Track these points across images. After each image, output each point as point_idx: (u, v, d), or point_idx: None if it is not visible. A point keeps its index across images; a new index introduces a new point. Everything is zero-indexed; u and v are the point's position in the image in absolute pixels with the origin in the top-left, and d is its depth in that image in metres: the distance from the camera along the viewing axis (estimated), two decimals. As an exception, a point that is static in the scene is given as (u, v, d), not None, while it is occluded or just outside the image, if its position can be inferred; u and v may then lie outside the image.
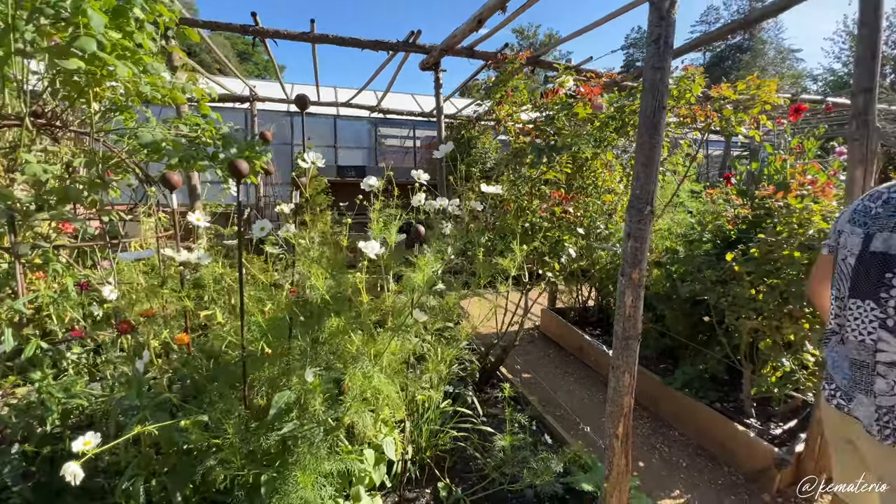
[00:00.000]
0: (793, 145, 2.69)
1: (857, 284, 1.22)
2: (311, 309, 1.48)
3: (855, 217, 1.29)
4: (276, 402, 1.38)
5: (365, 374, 1.10)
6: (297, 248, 1.45)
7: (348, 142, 7.51)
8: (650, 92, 1.57)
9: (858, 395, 1.21)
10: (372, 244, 1.16)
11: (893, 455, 1.11)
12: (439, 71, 3.89)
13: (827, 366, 1.35)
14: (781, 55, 26.18)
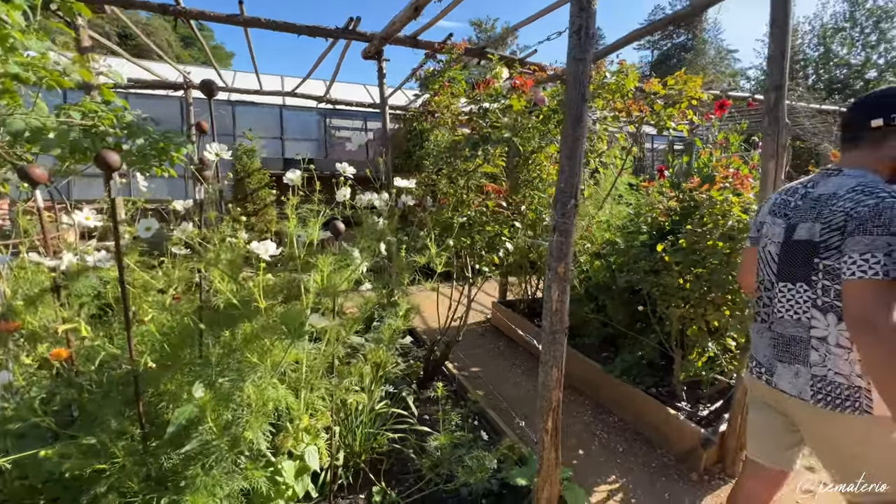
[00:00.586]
0: (719, 139, 2.82)
1: (785, 269, 1.32)
2: (218, 316, 1.36)
3: (775, 209, 1.39)
4: (175, 418, 1.26)
5: (257, 385, 1.02)
6: (202, 250, 1.33)
7: (296, 133, 7.20)
8: (573, 84, 1.55)
9: (778, 365, 1.33)
10: (266, 245, 1.07)
11: (827, 417, 1.22)
12: (382, 60, 3.77)
13: (754, 348, 1.47)
14: (720, 55, 27.80)
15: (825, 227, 1.18)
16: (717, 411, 2.59)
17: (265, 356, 1.14)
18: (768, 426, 1.46)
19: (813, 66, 16.14)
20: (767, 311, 1.39)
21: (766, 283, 1.39)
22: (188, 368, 1.33)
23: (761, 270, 1.42)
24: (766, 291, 1.40)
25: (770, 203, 1.44)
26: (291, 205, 1.52)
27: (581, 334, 3.56)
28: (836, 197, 1.19)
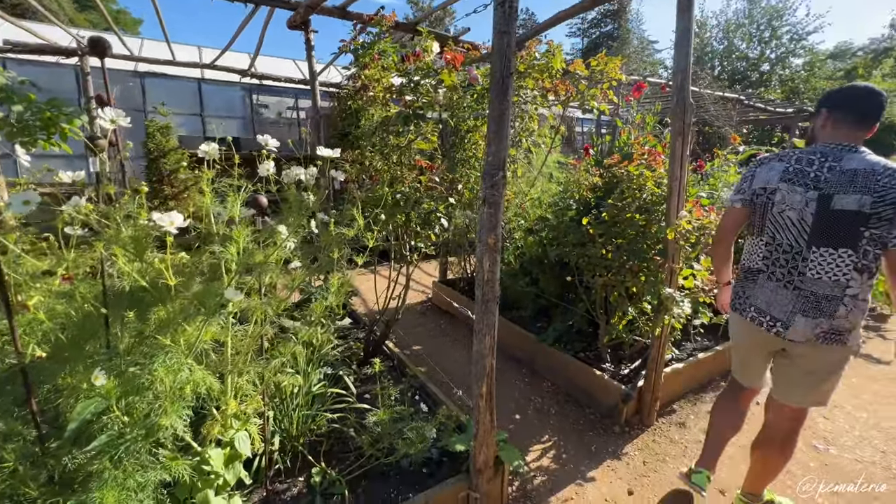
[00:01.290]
0: (637, 120, 3.03)
1: (825, 235, 1.50)
2: (123, 300, 1.24)
3: (792, 178, 1.57)
4: (77, 413, 1.14)
5: (168, 367, 0.95)
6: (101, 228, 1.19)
7: (219, 110, 6.63)
8: (498, 57, 1.57)
9: (801, 318, 1.55)
10: (172, 216, 0.98)
11: (820, 350, 1.56)
12: (309, 31, 3.56)
13: (756, 300, 1.67)
14: (643, 45, 29.68)
15: (879, 200, 1.40)
16: (636, 369, 2.86)
17: (178, 336, 1.06)
18: (756, 362, 1.79)
19: (718, 58, 17.80)
20: (789, 268, 1.58)
21: (786, 246, 1.58)
22: (90, 360, 1.21)
23: (777, 234, 1.60)
24: (784, 254, 1.59)
25: (779, 171, 1.60)
26: (206, 178, 1.41)
27: (517, 307, 3.71)
28: (876, 174, 1.43)
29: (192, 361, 1.01)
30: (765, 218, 1.64)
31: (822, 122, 1.64)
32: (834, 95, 1.66)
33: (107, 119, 1.30)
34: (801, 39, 17.02)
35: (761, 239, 1.66)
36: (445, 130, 2.71)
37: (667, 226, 2.29)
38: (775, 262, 1.62)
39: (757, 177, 1.67)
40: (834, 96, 1.65)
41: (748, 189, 1.69)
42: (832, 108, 1.61)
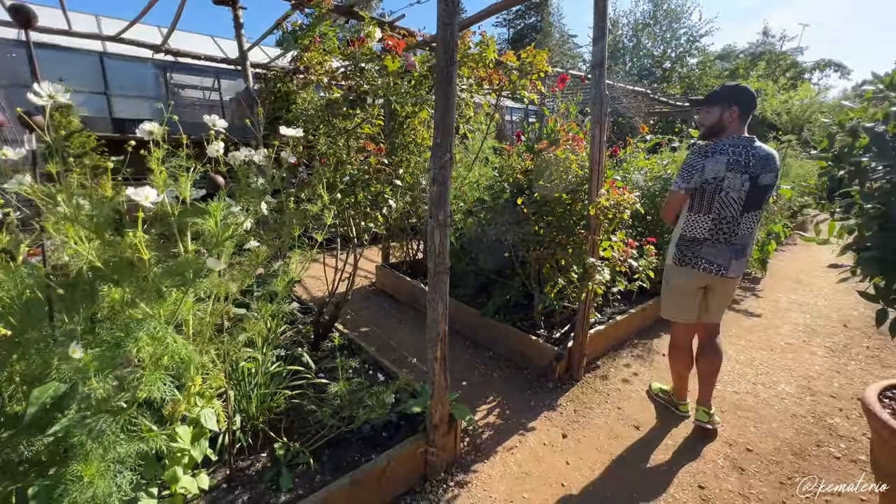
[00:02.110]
0: (561, 109, 3.34)
1: (751, 204, 2.08)
2: (76, 281, 1.22)
3: (734, 167, 2.04)
4: (35, 398, 1.12)
5: (153, 335, 0.98)
6: (44, 207, 1.15)
7: (127, 89, 5.97)
8: (442, 46, 1.71)
9: (734, 262, 2.16)
10: (146, 190, 1.00)
11: (736, 280, 2.24)
12: (238, 7, 3.39)
13: (706, 255, 2.18)
14: (563, 38, 31.36)
15: (776, 175, 2.08)
16: (566, 333, 3.22)
17: (158, 307, 1.08)
18: (694, 301, 2.33)
19: (629, 54, 19.50)
20: (729, 233, 2.12)
21: (729, 217, 2.10)
22: (42, 344, 1.18)
23: (723, 210, 2.09)
24: (726, 224, 2.11)
25: (724, 163, 2.05)
26: (156, 157, 1.40)
27: (459, 285, 3.94)
28: (773, 157, 2.07)
29: (172, 331, 1.04)
30: (713, 200, 2.09)
31: (732, 117, 2.08)
32: (743, 95, 2.08)
33: (43, 94, 1.24)
34: (695, 41, 19.22)
35: (708, 216, 2.12)
36: (385, 115, 2.79)
37: (589, 203, 2.62)
38: (719, 231, 2.13)
39: (707, 168, 2.06)
40: (743, 96, 2.08)
41: (699, 179, 2.10)
42: (742, 105, 2.07)
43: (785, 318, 4.30)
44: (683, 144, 5.62)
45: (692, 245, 2.21)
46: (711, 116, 2.14)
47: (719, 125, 2.12)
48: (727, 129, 2.11)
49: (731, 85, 2.14)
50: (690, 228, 2.20)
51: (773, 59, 21.71)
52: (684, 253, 2.24)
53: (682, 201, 2.21)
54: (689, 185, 2.13)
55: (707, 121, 2.17)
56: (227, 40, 8.02)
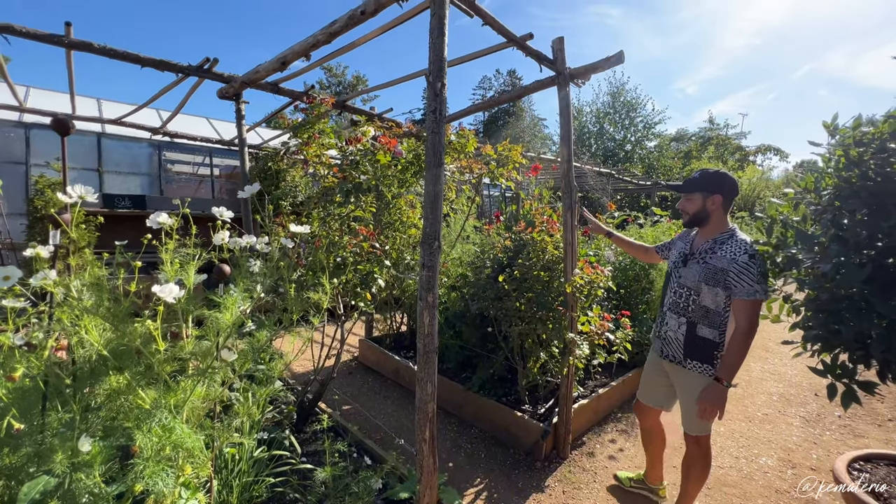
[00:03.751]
0: (535, 193, 3.68)
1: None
2: (83, 369, 1.26)
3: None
4: (24, 495, 1.11)
5: (164, 426, 1.02)
6: (59, 299, 1.22)
7: (121, 166, 6.17)
8: (431, 151, 1.97)
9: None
10: (169, 287, 1.10)
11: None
12: (241, 102, 3.73)
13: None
14: (534, 122, 34.41)
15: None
16: (550, 408, 3.24)
17: (168, 398, 1.12)
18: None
19: (593, 137, 21.52)
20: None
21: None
22: (36, 436, 1.18)
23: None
24: None
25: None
26: (168, 248, 1.51)
27: (443, 360, 3.95)
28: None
29: (180, 422, 1.08)
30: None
31: (717, 206, 2.02)
32: (726, 182, 2.01)
33: (74, 195, 1.37)
34: (650, 128, 21.45)
35: None
36: (377, 198, 3.02)
37: (565, 281, 2.81)
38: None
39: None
40: (726, 183, 2.00)
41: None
42: (724, 193, 2.01)
43: (759, 387, 4.43)
44: (648, 221, 6.09)
45: None
46: (694, 204, 2.06)
47: (703, 213, 2.05)
48: (711, 216, 2.03)
49: (712, 171, 2.05)
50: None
51: (721, 143, 24.25)
52: None
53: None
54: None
55: (690, 208, 2.09)
56: (221, 121, 8.52)
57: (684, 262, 2.13)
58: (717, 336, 2.01)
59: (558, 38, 2.76)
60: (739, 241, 1.95)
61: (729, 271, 1.91)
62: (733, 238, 1.98)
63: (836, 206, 1.66)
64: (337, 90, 34.01)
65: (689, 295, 2.06)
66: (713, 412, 1.92)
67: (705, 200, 2.03)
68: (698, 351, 2.04)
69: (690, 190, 2.07)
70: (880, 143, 1.50)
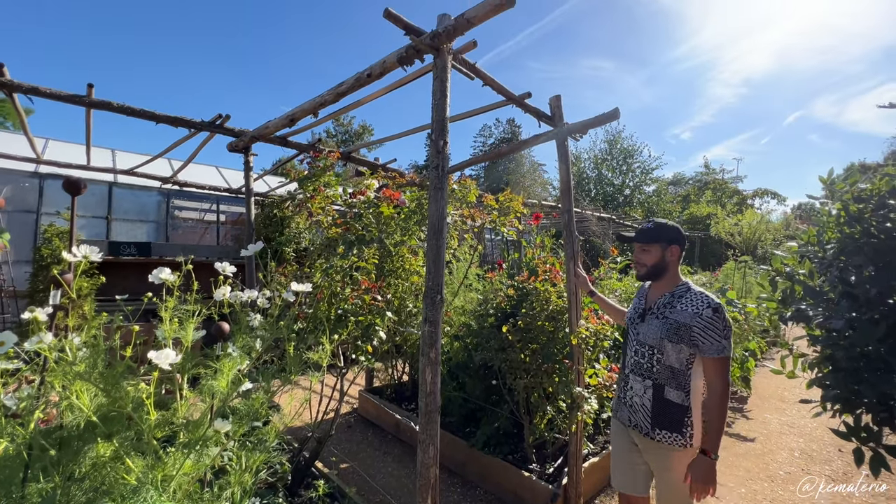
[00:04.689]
0: (538, 241, 3.70)
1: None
2: (69, 436, 1.21)
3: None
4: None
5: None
6: (52, 362, 1.19)
7: (129, 214, 6.31)
8: (434, 205, 2.00)
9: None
10: (166, 353, 1.07)
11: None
12: (250, 154, 3.87)
13: None
14: (533, 167, 35.37)
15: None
16: (560, 467, 3.06)
17: (153, 470, 1.06)
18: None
19: (592, 182, 22.02)
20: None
21: None
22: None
23: None
24: None
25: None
26: (168, 307, 1.50)
27: (446, 413, 3.80)
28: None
29: (167, 500, 1.01)
30: None
31: (675, 257, 1.90)
32: (680, 234, 1.91)
33: (78, 255, 1.37)
34: (648, 173, 21.99)
35: None
36: (379, 246, 3.04)
37: (571, 332, 2.75)
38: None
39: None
40: (680, 235, 1.91)
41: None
42: (681, 245, 1.90)
43: (779, 442, 4.21)
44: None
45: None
46: (652, 256, 1.92)
47: (661, 264, 1.91)
48: (669, 269, 1.91)
49: (668, 224, 1.95)
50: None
51: (718, 187, 24.72)
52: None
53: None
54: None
55: (648, 260, 1.94)
56: (230, 170, 8.79)
57: (642, 318, 1.96)
58: (684, 399, 1.79)
59: (555, 96, 2.88)
60: (698, 294, 1.80)
61: (693, 326, 1.74)
62: (690, 291, 1.83)
63: (842, 261, 1.64)
64: (343, 138, 35.39)
65: (653, 354, 1.86)
66: (705, 490, 1.71)
67: (664, 251, 1.90)
68: (667, 418, 1.80)
69: (648, 241, 1.93)
70: (879, 200, 1.52)
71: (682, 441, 1.77)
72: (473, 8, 1.87)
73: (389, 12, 1.97)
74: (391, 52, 2.27)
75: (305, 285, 1.53)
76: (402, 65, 2.18)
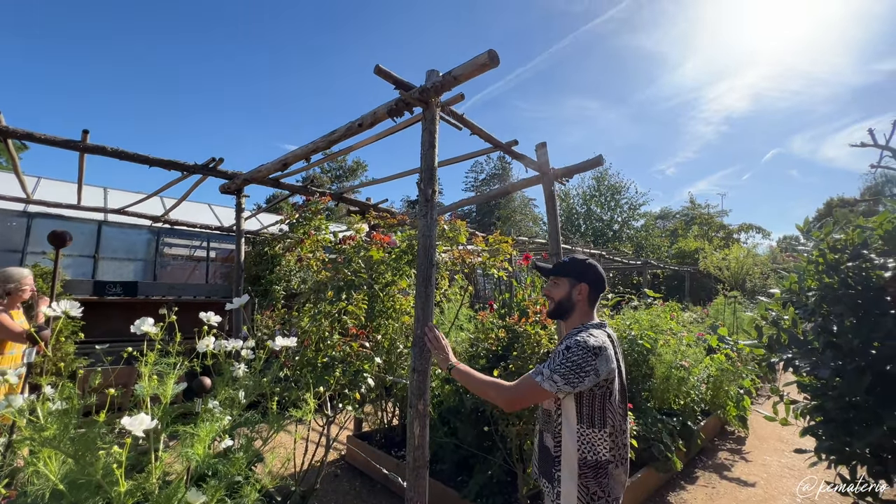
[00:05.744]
0: (528, 282, 3.71)
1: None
2: (32, 507, 1.14)
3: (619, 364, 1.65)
4: None
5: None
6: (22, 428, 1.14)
7: (117, 252, 6.25)
8: (423, 252, 2.01)
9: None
10: (141, 419, 1.03)
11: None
12: (242, 196, 3.90)
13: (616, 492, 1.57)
14: (524, 203, 36.07)
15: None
16: (555, 519, 2.93)
17: None
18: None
19: (582, 218, 22.46)
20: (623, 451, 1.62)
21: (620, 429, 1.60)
22: None
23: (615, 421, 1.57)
24: (622, 436, 1.61)
25: (614, 359, 1.56)
26: (148, 361, 1.46)
27: (437, 460, 3.66)
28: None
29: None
30: (604, 408, 1.54)
31: (584, 296, 1.67)
32: (592, 273, 1.69)
33: (58, 310, 1.35)
34: (636, 209, 22.54)
35: (603, 430, 1.54)
36: (370, 293, 3.03)
37: (562, 376, 2.71)
38: (619, 447, 1.58)
39: (600, 370, 1.50)
40: (592, 273, 1.69)
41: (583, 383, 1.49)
42: (591, 285, 1.68)
43: (780, 486, 4.10)
44: (642, 303, 6.10)
45: (598, 476, 1.53)
46: (560, 290, 1.72)
47: (568, 302, 1.70)
48: (576, 307, 1.68)
49: (582, 260, 1.74)
50: (588, 448, 1.54)
51: (704, 222, 25.29)
52: (594, 491, 1.53)
53: (542, 399, 1.63)
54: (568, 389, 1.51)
55: (556, 295, 1.73)
56: (222, 207, 8.82)
57: None
58: (553, 447, 1.60)
59: (541, 143, 2.99)
60: (576, 334, 1.58)
61: None
62: (580, 332, 1.59)
63: (824, 309, 1.67)
64: (338, 174, 35.96)
65: None
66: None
67: (572, 288, 1.69)
68: (544, 464, 1.64)
69: (557, 273, 1.74)
70: (854, 251, 1.56)
71: (549, 492, 1.59)
72: (460, 66, 1.97)
73: (380, 69, 2.06)
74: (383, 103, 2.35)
75: (290, 339, 1.51)
76: (391, 116, 2.26)
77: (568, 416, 1.56)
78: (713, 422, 5.37)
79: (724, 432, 5.73)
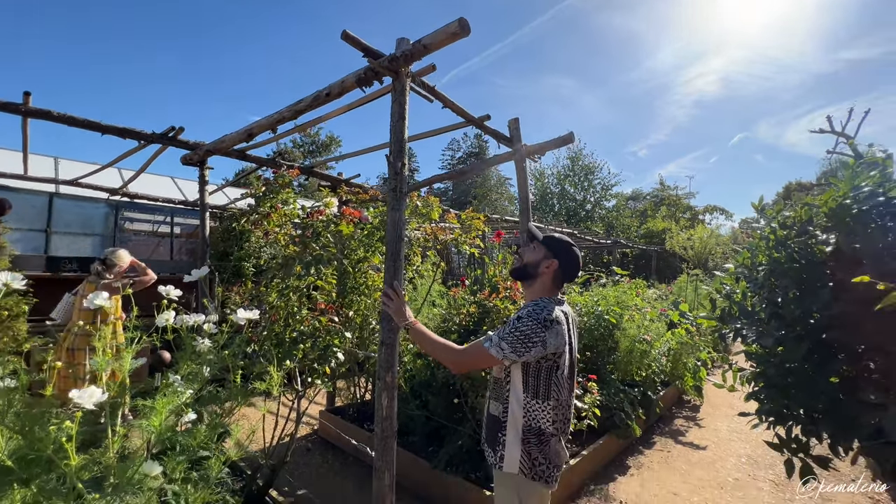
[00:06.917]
0: (499, 258, 3.76)
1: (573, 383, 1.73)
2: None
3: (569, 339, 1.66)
4: None
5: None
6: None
7: (72, 226, 5.90)
8: (392, 228, 2.00)
9: None
10: (90, 391, 1.00)
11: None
12: (205, 168, 3.73)
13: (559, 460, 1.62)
14: (500, 181, 36.15)
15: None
16: (521, 484, 3.07)
17: None
18: None
19: (556, 198, 22.77)
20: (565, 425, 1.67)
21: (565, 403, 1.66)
22: None
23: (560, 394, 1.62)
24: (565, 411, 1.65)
25: (564, 335, 1.58)
26: (104, 336, 1.41)
27: (409, 432, 3.75)
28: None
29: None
30: (549, 381, 1.57)
31: (550, 272, 1.67)
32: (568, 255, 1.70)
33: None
34: (608, 189, 23.00)
35: (547, 402, 1.57)
36: (340, 265, 2.99)
37: (530, 349, 2.79)
38: (562, 421, 1.62)
39: (548, 343, 1.52)
40: (568, 256, 1.69)
41: (529, 353, 1.52)
42: (562, 265, 1.67)
43: (728, 449, 4.42)
44: (610, 280, 6.30)
45: (541, 444, 1.56)
46: (532, 256, 1.73)
47: (533, 269, 1.70)
48: (539, 278, 1.69)
49: (569, 243, 1.74)
50: (531, 417, 1.57)
51: (673, 203, 26.12)
52: (536, 458, 1.55)
53: (490, 365, 1.67)
54: (514, 357, 1.55)
55: (527, 257, 1.75)
56: (186, 181, 8.43)
57: None
58: (501, 413, 1.63)
59: (514, 118, 2.97)
60: (531, 305, 1.62)
61: None
62: (535, 304, 1.62)
63: (772, 283, 1.77)
64: (311, 149, 34.81)
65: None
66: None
67: (544, 258, 1.69)
68: (491, 432, 1.68)
69: (542, 242, 1.74)
70: (801, 227, 1.65)
71: (493, 458, 1.64)
72: (430, 35, 1.91)
73: (347, 34, 1.98)
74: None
75: (254, 312, 1.48)
76: (360, 86, 2.18)
77: (515, 385, 1.60)
78: (672, 392, 5.69)
79: (681, 401, 6.08)
